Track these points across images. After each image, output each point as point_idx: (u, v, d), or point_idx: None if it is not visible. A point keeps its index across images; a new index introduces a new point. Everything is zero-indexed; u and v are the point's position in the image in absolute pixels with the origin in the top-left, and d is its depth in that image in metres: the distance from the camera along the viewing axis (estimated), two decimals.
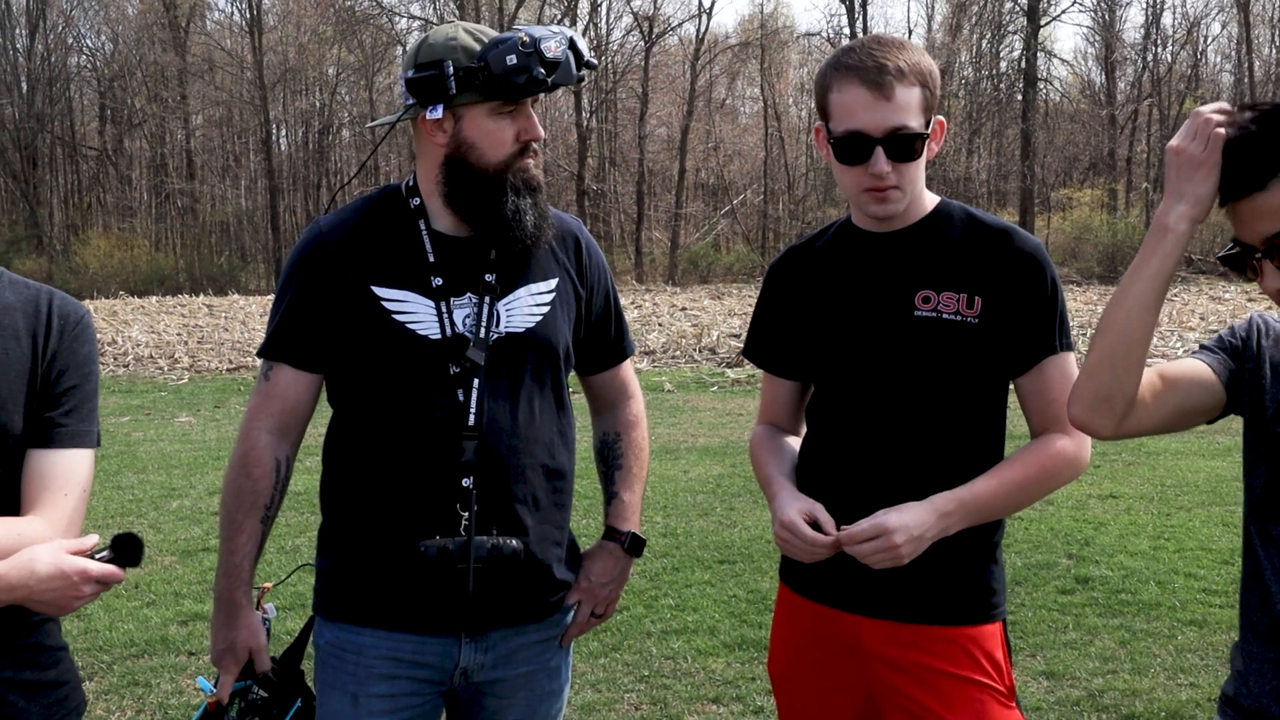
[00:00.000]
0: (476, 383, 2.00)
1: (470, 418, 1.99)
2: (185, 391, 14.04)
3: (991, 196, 38.30)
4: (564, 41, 1.97)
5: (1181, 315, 18.01)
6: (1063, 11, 60.93)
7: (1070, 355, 1.99)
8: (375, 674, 2.04)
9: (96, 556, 1.67)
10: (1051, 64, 40.92)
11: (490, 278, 2.04)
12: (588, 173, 38.94)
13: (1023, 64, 36.80)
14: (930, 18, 48.19)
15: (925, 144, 1.92)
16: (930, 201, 2.04)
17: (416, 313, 2.01)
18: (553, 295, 2.11)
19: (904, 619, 1.98)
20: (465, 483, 1.99)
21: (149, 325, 21.71)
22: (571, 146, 39.16)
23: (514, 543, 2.01)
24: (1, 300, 1.78)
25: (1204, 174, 1.56)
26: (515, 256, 2.07)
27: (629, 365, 2.34)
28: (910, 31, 42.40)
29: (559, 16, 36.30)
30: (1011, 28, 38.82)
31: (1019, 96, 36.88)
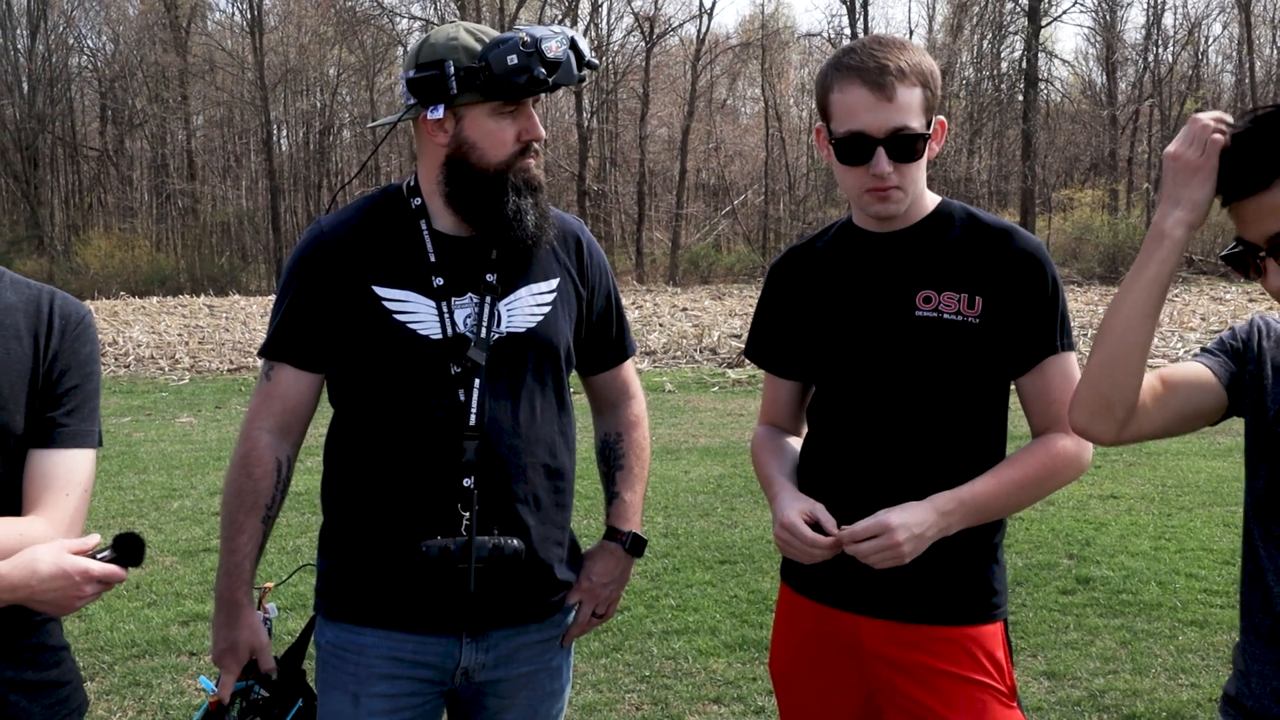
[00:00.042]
0: (477, 383, 2.00)
1: (471, 418, 1.99)
2: (186, 392, 14.05)
3: (992, 197, 38.30)
4: (565, 41, 1.97)
5: (1182, 316, 18.01)
6: (1064, 12, 60.94)
7: (1071, 355, 1.99)
8: (376, 674, 2.04)
9: (98, 556, 1.67)
10: (1052, 64, 40.95)
11: (491, 278, 2.04)
12: (589, 173, 38.96)
13: (1024, 64, 36.81)
14: (931, 18, 48.33)
15: (926, 144, 1.93)
16: (931, 201, 2.04)
17: (417, 313, 2.01)
18: (554, 295, 2.11)
19: (905, 619, 1.98)
20: (466, 483, 1.99)
21: (150, 326, 21.73)
22: (572, 147, 39.19)
23: (515, 543, 2.01)
24: (3, 300, 1.78)
25: (1201, 179, 1.56)
26: (516, 256, 2.07)
27: (630, 365, 2.34)
28: (911, 32, 42.49)
29: (560, 17, 36.31)
30: (1012, 28, 38.84)
31: (1020, 97, 36.87)
